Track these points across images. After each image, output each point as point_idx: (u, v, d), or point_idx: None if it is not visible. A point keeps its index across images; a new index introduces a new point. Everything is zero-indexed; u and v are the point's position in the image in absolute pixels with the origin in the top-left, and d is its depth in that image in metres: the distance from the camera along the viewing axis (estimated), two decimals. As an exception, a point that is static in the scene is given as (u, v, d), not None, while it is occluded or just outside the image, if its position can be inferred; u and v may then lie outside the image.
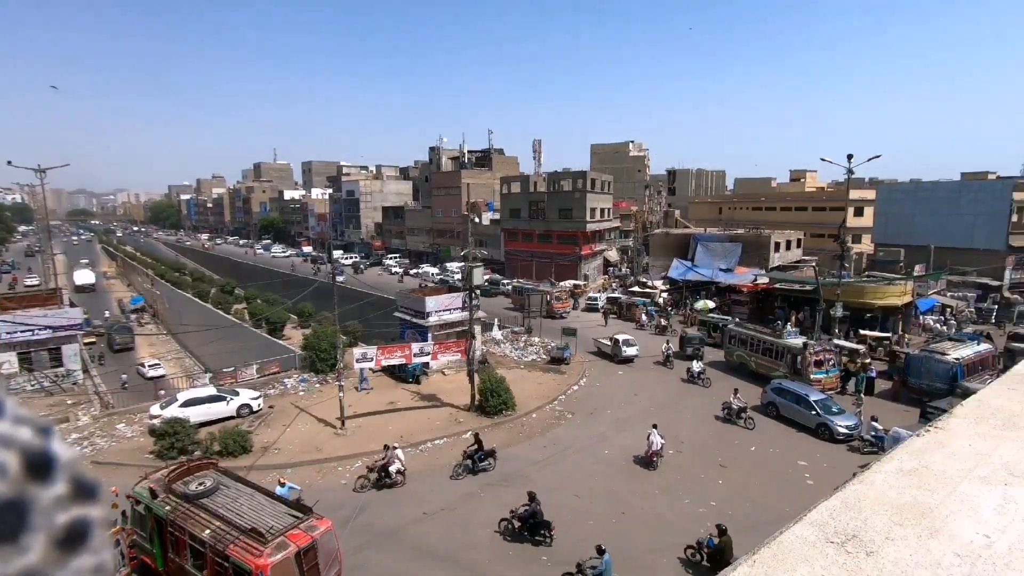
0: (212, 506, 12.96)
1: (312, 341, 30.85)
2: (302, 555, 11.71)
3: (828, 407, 22.80)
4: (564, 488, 18.52)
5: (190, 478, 14.17)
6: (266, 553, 11.33)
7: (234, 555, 11.53)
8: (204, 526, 12.35)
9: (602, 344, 32.64)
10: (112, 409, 26.11)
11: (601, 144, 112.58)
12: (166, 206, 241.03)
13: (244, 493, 13.71)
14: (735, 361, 30.71)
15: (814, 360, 26.41)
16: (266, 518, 12.49)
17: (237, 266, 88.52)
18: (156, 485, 13.92)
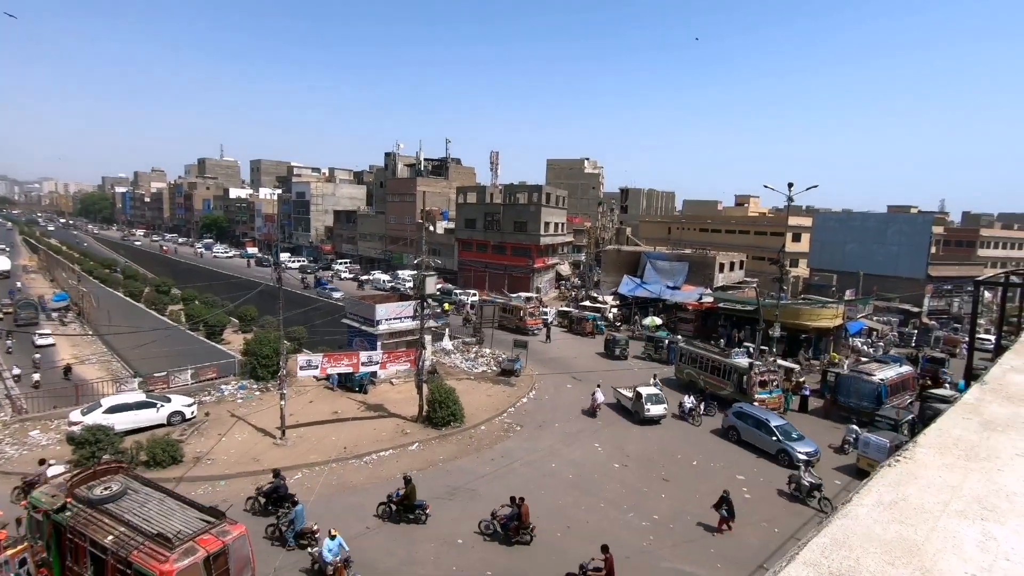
0: (117, 511, 12.27)
1: (253, 346, 29.59)
2: (211, 560, 11.32)
3: (788, 433, 22.87)
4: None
5: (95, 482, 13.34)
6: (172, 559, 10.86)
7: (137, 561, 10.96)
8: (107, 532, 11.68)
9: (622, 396, 27.81)
10: (26, 414, 24.11)
11: (557, 160, 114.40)
12: (99, 198, 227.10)
13: (154, 498, 13.05)
14: (685, 379, 31.42)
15: (759, 380, 27.29)
16: (175, 523, 11.94)
17: (176, 266, 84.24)
18: (56, 490, 13.04)
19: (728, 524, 16.87)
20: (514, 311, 44.93)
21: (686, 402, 26.76)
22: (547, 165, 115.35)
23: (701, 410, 26.95)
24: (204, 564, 11.19)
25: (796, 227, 64.45)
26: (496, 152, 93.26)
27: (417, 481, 19.58)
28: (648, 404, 25.62)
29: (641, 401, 25.83)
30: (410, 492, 16.97)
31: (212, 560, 11.35)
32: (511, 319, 44.56)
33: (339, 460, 20.98)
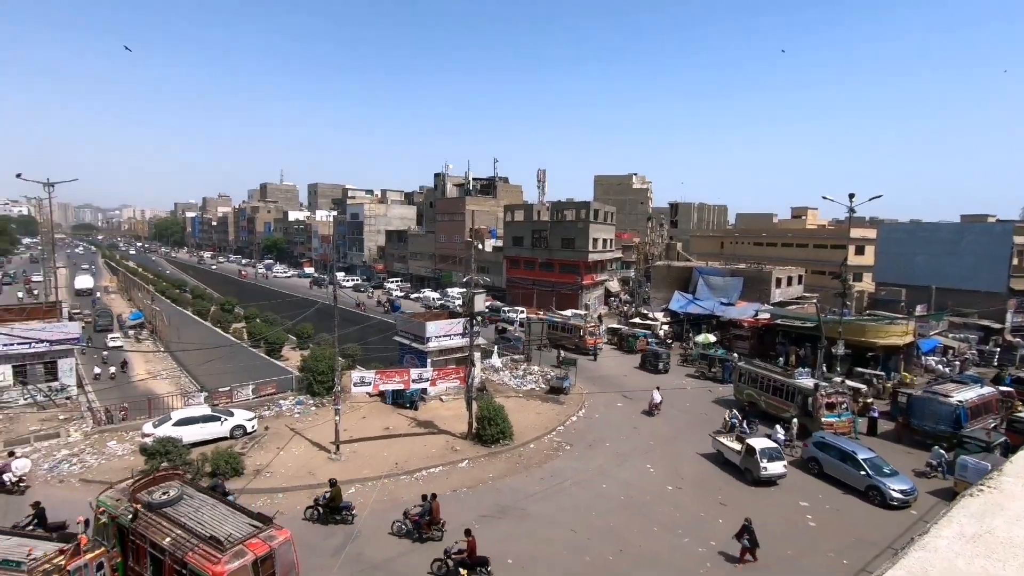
0: (174, 515, 13.16)
1: (310, 363, 30.61)
2: (259, 563, 11.97)
3: (879, 467, 20.45)
4: (561, 523, 18.12)
5: (155, 488, 14.35)
6: (223, 560, 11.54)
7: (192, 562, 11.69)
8: (165, 534, 12.54)
9: (726, 447, 22.90)
10: (104, 425, 25.76)
11: (605, 176, 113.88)
12: (171, 223, 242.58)
13: (207, 503, 13.93)
14: (745, 399, 29.89)
15: (826, 402, 25.62)
16: (226, 527, 12.69)
17: (240, 285, 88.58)
18: (120, 494, 14.06)
19: (751, 554, 15.88)
20: (573, 330, 43.39)
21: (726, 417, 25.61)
22: (595, 181, 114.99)
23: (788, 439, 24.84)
24: (252, 567, 11.82)
25: (859, 239, 61.36)
26: (543, 170, 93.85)
27: (467, 499, 19.71)
28: (764, 461, 20.91)
29: (754, 457, 21.14)
30: (335, 494, 17.84)
31: (260, 563, 11.99)
32: (570, 339, 43.03)
33: (391, 476, 21.28)
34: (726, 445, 22.93)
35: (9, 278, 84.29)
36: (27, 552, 11.45)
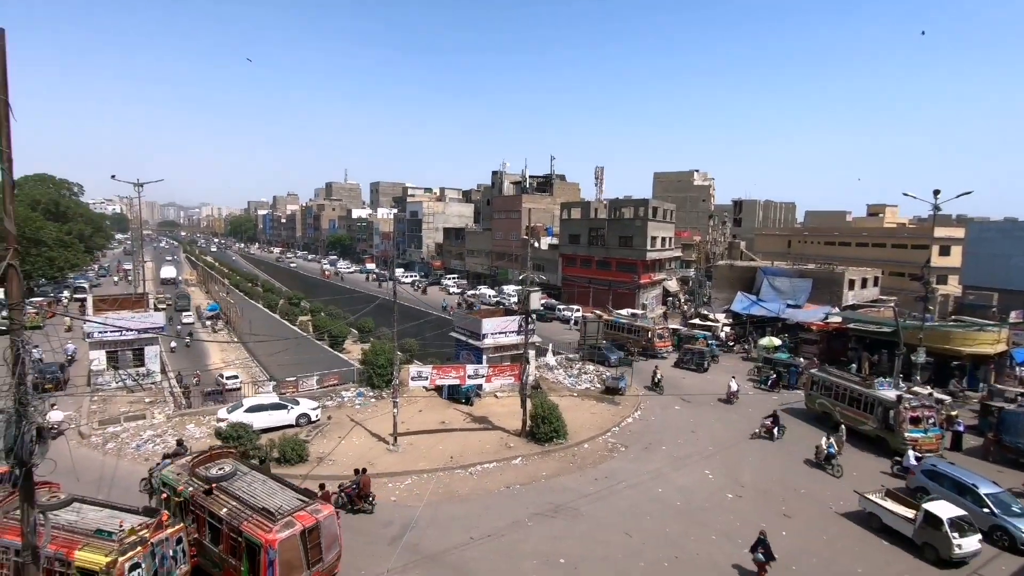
0: (230, 488, 14.42)
1: (370, 356, 31.63)
2: (307, 534, 13.08)
3: (1006, 505, 17.57)
4: (615, 524, 17.89)
5: (211, 464, 15.79)
6: (275, 529, 12.70)
7: (247, 530, 12.88)
8: (222, 505, 13.80)
9: (885, 511, 17.82)
10: (185, 409, 27.67)
11: (665, 172, 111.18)
12: (244, 220, 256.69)
13: (258, 479, 15.17)
14: (817, 409, 28.21)
15: (911, 416, 23.62)
16: (276, 500, 13.87)
17: (307, 280, 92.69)
18: (181, 469, 15.49)
19: (765, 568, 14.96)
20: (641, 332, 41.83)
21: (823, 445, 22.74)
22: (654, 178, 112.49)
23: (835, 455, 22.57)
24: (300, 536, 12.95)
25: (944, 239, 56.96)
26: (600, 167, 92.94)
27: (520, 496, 19.81)
28: (955, 534, 15.75)
29: (942, 531, 15.88)
30: (363, 483, 18.60)
31: (307, 533, 13.10)
32: (637, 341, 41.44)
33: (446, 469, 21.69)
34: (887, 509, 17.70)
35: (104, 270, 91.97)
36: (119, 523, 12.46)
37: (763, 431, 25.72)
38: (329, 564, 13.75)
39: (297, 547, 12.86)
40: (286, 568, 12.57)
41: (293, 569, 12.74)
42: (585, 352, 39.08)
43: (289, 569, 12.64)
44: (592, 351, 38.60)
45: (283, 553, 12.51)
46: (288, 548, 12.65)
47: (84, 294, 56.17)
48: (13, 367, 7.61)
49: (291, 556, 12.70)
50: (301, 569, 12.90)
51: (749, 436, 25.59)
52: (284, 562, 12.53)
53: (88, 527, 12.34)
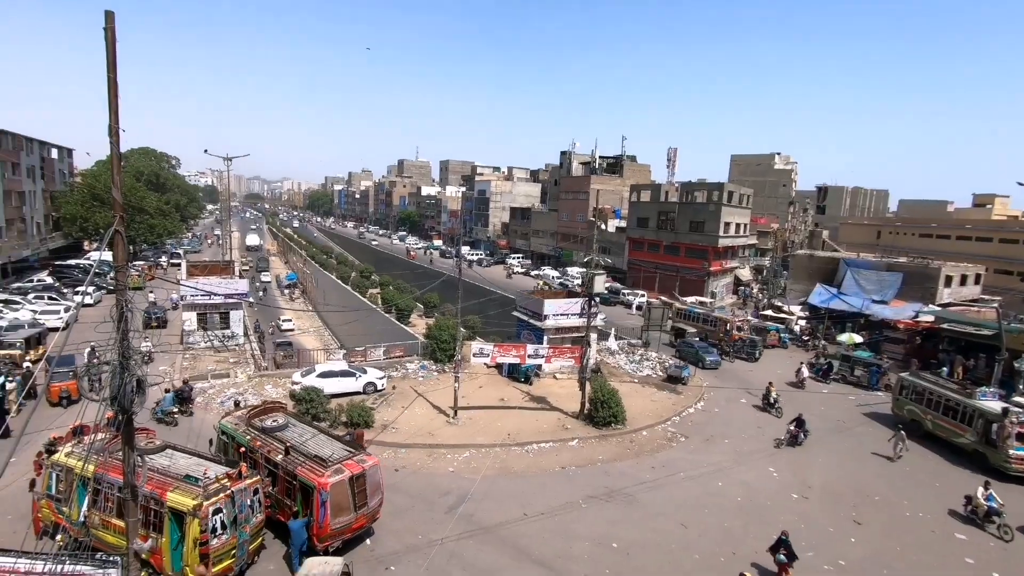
0: (284, 437, 15.99)
1: (435, 331, 32.48)
2: (354, 480, 14.46)
3: None
4: (671, 514, 17.63)
5: (265, 416, 17.42)
6: (327, 474, 14.09)
7: (301, 474, 14.32)
8: (278, 452, 15.29)
9: None
10: (264, 370, 29.64)
11: (743, 155, 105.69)
12: (321, 195, 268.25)
13: (308, 431, 16.85)
14: (905, 416, 25.90)
15: (1017, 431, 21.10)
16: (326, 450, 15.35)
17: (378, 255, 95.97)
18: (239, 420, 17.15)
19: (788, 568, 14.08)
20: (718, 323, 39.07)
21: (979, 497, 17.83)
22: (731, 161, 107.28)
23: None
24: (349, 482, 14.34)
25: (1064, 235, 51.01)
26: (674, 148, 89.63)
27: (575, 477, 19.88)
28: None
29: None
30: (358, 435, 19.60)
31: (354, 480, 14.48)
32: (714, 333, 38.72)
33: (503, 445, 22.09)
34: None
35: (196, 239, 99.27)
36: (204, 471, 13.60)
37: (788, 437, 23.43)
38: (372, 509, 15.18)
39: (346, 491, 14.23)
40: (336, 509, 13.96)
41: (341, 510, 14.13)
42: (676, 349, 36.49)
43: (338, 510, 14.03)
44: (684, 349, 35.80)
45: (334, 496, 13.91)
46: (338, 491, 14.03)
47: (179, 259, 60.99)
48: (118, 323, 8.37)
49: (340, 499, 14.08)
50: (349, 511, 14.31)
51: (773, 445, 23.36)
52: (334, 504, 13.92)
53: (178, 472, 13.56)
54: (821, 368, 33.32)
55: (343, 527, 14.34)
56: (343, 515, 14.21)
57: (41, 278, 49.80)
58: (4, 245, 49.00)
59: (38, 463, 15.01)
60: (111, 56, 7.65)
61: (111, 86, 7.70)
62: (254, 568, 14.02)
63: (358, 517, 14.64)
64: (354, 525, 14.66)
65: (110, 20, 7.59)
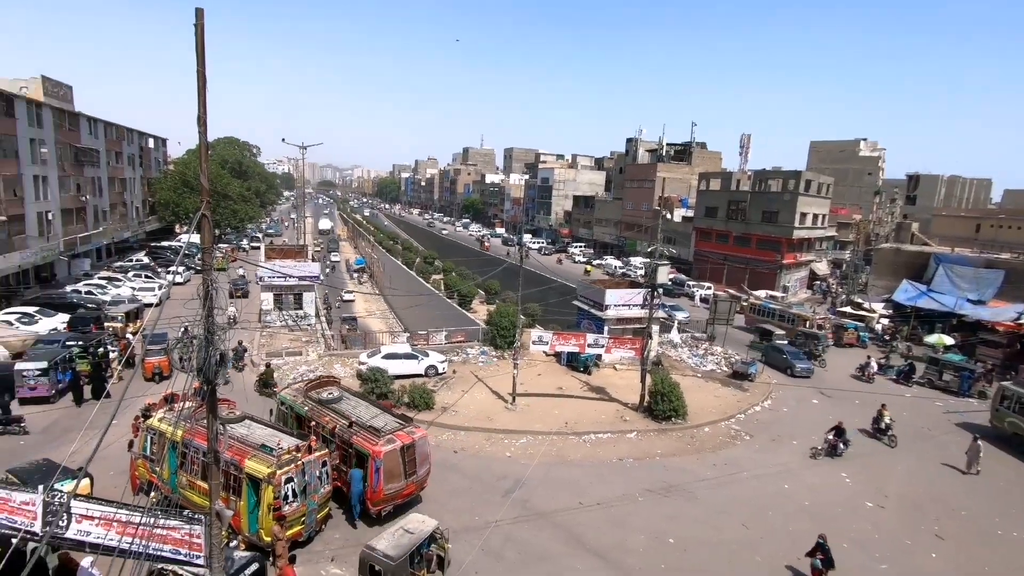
0: (339, 408, 17.15)
1: (495, 318, 32.85)
2: (404, 450, 15.41)
3: None
4: (733, 513, 17.10)
5: (321, 389, 18.57)
6: (380, 443, 15.08)
7: (357, 443, 15.35)
8: (334, 421, 16.38)
9: None
10: (334, 350, 31.10)
11: (824, 141, 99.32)
12: (389, 182, 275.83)
13: (361, 404, 17.92)
14: (1007, 429, 23.44)
15: None
16: (378, 421, 16.35)
17: (441, 241, 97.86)
18: (296, 392, 18.38)
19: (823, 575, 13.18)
20: (796, 321, 36.83)
21: None
22: (810, 148, 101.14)
23: None
24: (400, 451, 15.30)
25: None
26: (747, 135, 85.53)
27: (633, 470, 19.65)
28: None
29: None
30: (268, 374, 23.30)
31: (405, 449, 15.43)
32: (790, 330, 36.29)
33: (560, 433, 22.13)
34: None
35: (274, 223, 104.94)
36: (278, 442, 14.50)
37: (825, 447, 21.40)
38: (421, 477, 16.10)
39: (398, 460, 15.21)
40: (388, 476, 14.92)
41: (393, 477, 15.09)
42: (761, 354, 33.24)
43: (390, 477, 15.00)
44: (771, 353, 32.70)
45: (386, 463, 14.87)
46: (390, 459, 15.00)
47: (259, 243, 64.74)
48: (204, 301, 9.02)
49: (392, 466, 15.05)
50: (400, 478, 15.30)
51: (808, 455, 21.45)
52: (387, 471, 14.89)
53: (256, 441, 14.52)
54: (902, 370, 31.10)
55: (394, 493, 15.29)
56: (395, 482, 15.18)
57: (139, 258, 54.42)
58: (108, 228, 53.78)
59: (135, 426, 16.51)
60: (200, 50, 8.16)
61: (200, 78, 8.22)
62: (321, 535, 14.84)
63: (408, 484, 15.61)
64: (404, 492, 15.61)
65: (200, 17, 8.09)
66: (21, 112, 39.30)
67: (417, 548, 12.30)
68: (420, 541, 12.39)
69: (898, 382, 30.73)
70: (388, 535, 12.41)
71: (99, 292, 38.39)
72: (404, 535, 12.39)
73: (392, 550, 11.74)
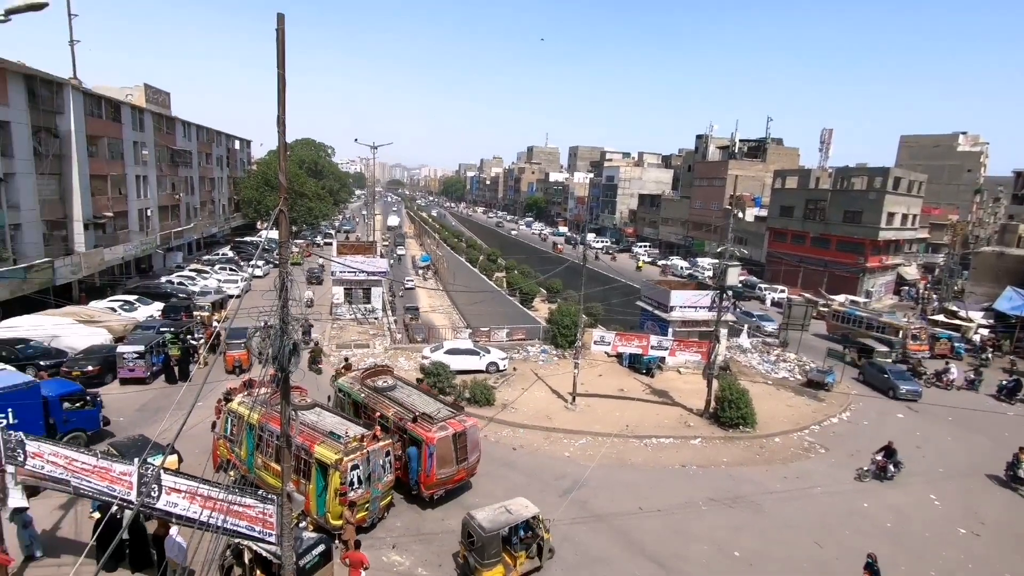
0: (394, 396, 17.91)
1: (556, 316, 32.70)
2: (457, 437, 16.06)
3: None
4: (803, 529, 16.18)
5: (376, 377, 19.38)
6: (434, 430, 15.77)
7: (412, 429, 16.00)
8: (389, 408, 17.21)
9: None
10: (400, 343, 32.07)
11: (917, 136, 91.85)
12: (455, 181, 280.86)
13: (414, 393, 18.68)
14: None
15: None
16: (430, 409, 17.00)
17: (504, 239, 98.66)
18: (353, 380, 19.26)
19: None
20: (887, 330, 33.73)
21: None
22: (900, 143, 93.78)
23: None
24: (452, 438, 15.93)
25: None
26: (829, 130, 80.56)
27: (696, 477, 19.01)
28: None
29: None
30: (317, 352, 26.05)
31: (457, 437, 16.07)
32: (886, 342, 32.92)
33: (620, 436, 21.73)
34: None
35: (346, 221, 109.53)
36: (345, 430, 15.10)
37: (874, 468, 19.47)
38: (471, 464, 16.74)
39: (450, 446, 15.88)
40: (441, 461, 15.63)
41: (446, 463, 15.79)
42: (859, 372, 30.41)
43: (443, 462, 15.70)
44: (870, 372, 29.50)
45: (439, 449, 15.55)
46: (443, 446, 15.68)
47: (331, 239, 67.78)
48: (280, 292, 9.49)
49: (445, 452, 15.74)
50: (452, 463, 15.99)
51: (853, 477, 19.59)
52: (440, 456, 15.58)
53: (325, 428, 15.20)
54: (1005, 386, 28.32)
55: (446, 478, 15.99)
56: (447, 467, 15.84)
57: (224, 252, 58.30)
58: (198, 223, 57.99)
59: (218, 408, 17.68)
60: (280, 54, 8.57)
61: (280, 81, 8.64)
62: (383, 523, 15.32)
63: (459, 470, 16.26)
64: (456, 477, 16.29)
65: (280, 22, 8.50)
66: (126, 117, 43.05)
67: (514, 529, 13.08)
68: (516, 522, 12.99)
69: (999, 398, 28.04)
70: (489, 509, 13.23)
71: (189, 283, 41.50)
72: (503, 513, 13.05)
73: (487, 523, 12.57)
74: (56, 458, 11.49)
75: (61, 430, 17.61)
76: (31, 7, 10.02)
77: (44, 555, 12.98)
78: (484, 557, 12.33)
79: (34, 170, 31.71)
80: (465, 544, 12.89)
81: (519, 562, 13.10)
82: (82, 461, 11.36)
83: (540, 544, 13.52)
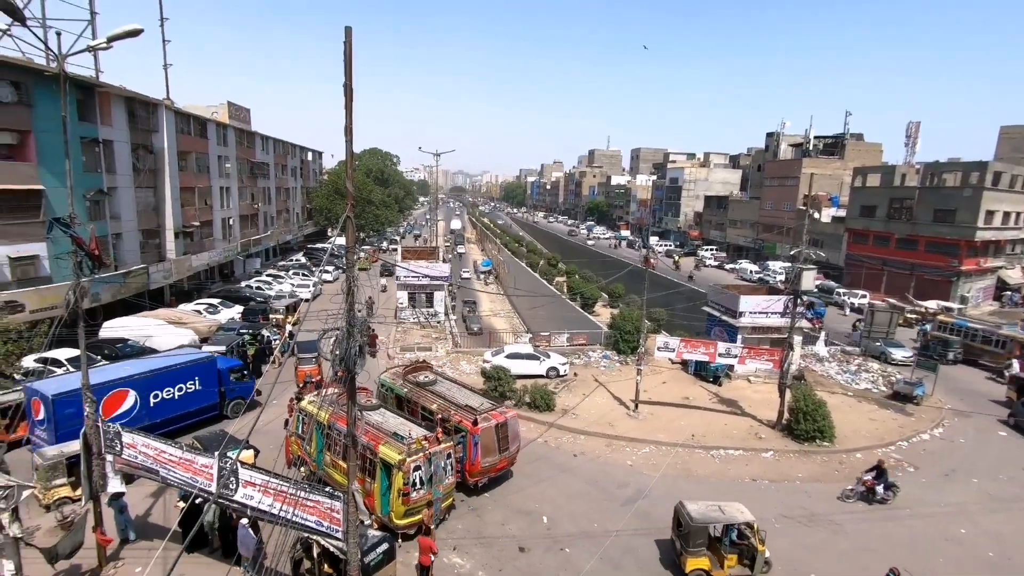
0: (436, 390, 18.75)
1: (619, 321, 32.10)
2: (498, 428, 16.96)
3: None
4: (889, 554, 14.93)
5: (417, 373, 20.22)
6: (478, 421, 16.50)
7: (456, 420, 16.81)
8: (432, 401, 17.98)
9: None
10: (460, 348, 32.51)
11: (1019, 126, 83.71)
12: (516, 187, 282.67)
13: (455, 387, 19.45)
14: None
15: None
16: (472, 402, 17.90)
17: (564, 243, 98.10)
18: (395, 376, 20.16)
19: None
20: (1004, 344, 30.24)
21: None
22: (1000, 134, 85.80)
23: None
24: (495, 429, 16.84)
25: None
26: (916, 123, 74.64)
27: (768, 492, 18.05)
28: None
29: None
30: None
31: (498, 427, 16.97)
32: (1000, 356, 30.18)
33: (686, 446, 20.98)
34: None
35: (410, 227, 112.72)
36: (408, 432, 15.43)
37: (861, 487, 17.66)
38: (512, 453, 17.59)
39: (492, 436, 16.75)
40: (484, 450, 16.52)
41: (489, 452, 16.69)
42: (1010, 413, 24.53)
43: (486, 452, 16.59)
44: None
45: (483, 439, 16.43)
46: (486, 436, 16.56)
47: (396, 245, 69.87)
48: (347, 296, 9.82)
49: (488, 442, 16.64)
50: (495, 453, 16.87)
51: (836, 496, 17.80)
52: (483, 446, 16.47)
53: (389, 429, 15.58)
54: None
55: (489, 466, 16.85)
56: (490, 456, 16.73)
57: (298, 258, 61.42)
58: (275, 231, 61.40)
59: (290, 406, 18.56)
60: (348, 66, 8.89)
61: (347, 92, 8.96)
62: (445, 524, 15.50)
63: (501, 459, 17.14)
64: (498, 466, 17.15)
65: (348, 35, 8.82)
66: (212, 133, 46.29)
67: (726, 530, 13.37)
68: (726, 522, 13.29)
69: None
70: (703, 503, 13.83)
71: (266, 288, 43.96)
72: (715, 510, 13.51)
73: (696, 514, 13.24)
74: (147, 449, 12.41)
75: (229, 397, 21.61)
76: (128, 34, 10.94)
77: (137, 538, 14.05)
78: (689, 544, 13.09)
79: (132, 184, 34.68)
80: (675, 529, 13.88)
81: (728, 564, 13.33)
82: (169, 453, 12.22)
83: (754, 554, 13.30)
